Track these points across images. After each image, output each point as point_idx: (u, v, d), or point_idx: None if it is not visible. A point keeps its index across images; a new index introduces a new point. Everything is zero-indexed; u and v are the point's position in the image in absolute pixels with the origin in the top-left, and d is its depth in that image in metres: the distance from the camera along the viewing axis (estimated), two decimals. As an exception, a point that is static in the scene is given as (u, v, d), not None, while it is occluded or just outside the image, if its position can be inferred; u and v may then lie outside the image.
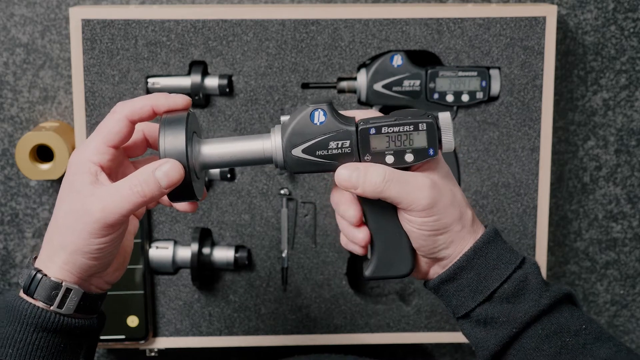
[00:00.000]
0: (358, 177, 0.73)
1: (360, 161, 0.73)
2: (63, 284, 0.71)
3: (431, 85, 1.09)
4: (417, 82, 1.09)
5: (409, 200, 0.73)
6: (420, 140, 0.73)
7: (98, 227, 0.69)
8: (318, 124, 0.73)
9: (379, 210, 0.76)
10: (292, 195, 1.13)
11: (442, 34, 1.09)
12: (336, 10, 1.09)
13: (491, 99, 1.12)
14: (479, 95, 1.10)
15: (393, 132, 0.73)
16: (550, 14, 1.09)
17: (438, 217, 0.73)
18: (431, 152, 0.73)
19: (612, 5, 1.18)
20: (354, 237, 0.76)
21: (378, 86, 1.09)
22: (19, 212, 1.19)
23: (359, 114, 0.76)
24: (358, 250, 0.78)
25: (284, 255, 1.13)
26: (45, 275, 0.71)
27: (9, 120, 1.17)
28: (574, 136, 1.22)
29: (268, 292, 1.14)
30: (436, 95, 1.10)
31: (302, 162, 0.73)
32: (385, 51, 1.10)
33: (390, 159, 0.73)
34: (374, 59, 1.10)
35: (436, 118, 0.74)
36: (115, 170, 0.75)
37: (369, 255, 0.79)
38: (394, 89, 1.09)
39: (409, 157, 0.73)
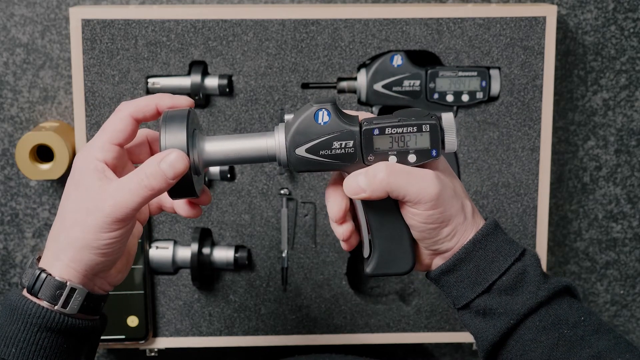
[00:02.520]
0: (364, 180, 0.73)
1: (363, 161, 0.74)
2: (68, 283, 0.72)
3: (431, 85, 1.09)
4: (417, 82, 1.09)
5: (415, 192, 0.73)
6: (423, 141, 0.73)
7: (109, 221, 0.70)
8: (322, 123, 0.73)
9: (379, 208, 0.76)
10: (292, 195, 1.13)
11: (442, 34, 1.09)
12: (336, 10, 1.09)
13: (491, 99, 1.12)
14: (479, 95, 1.10)
15: (396, 132, 0.73)
16: (550, 14, 1.09)
17: (443, 208, 0.74)
18: (434, 153, 0.74)
19: (612, 5, 1.18)
20: (335, 231, 0.77)
21: (378, 86, 1.09)
22: (19, 212, 1.19)
23: (362, 115, 0.76)
24: (343, 245, 0.78)
25: (284, 255, 1.13)
26: (50, 274, 0.72)
27: (9, 120, 1.17)
28: (574, 136, 1.22)
29: (268, 292, 1.14)
30: (436, 95, 1.10)
31: (306, 161, 0.73)
32: (385, 51, 1.10)
33: (393, 159, 0.74)
34: (374, 59, 1.10)
35: (439, 119, 0.74)
36: (120, 171, 0.76)
37: (364, 253, 0.79)
38: (394, 89, 1.09)
39: (412, 158, 0.74)
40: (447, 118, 0.74)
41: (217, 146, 0.74)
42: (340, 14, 1.09)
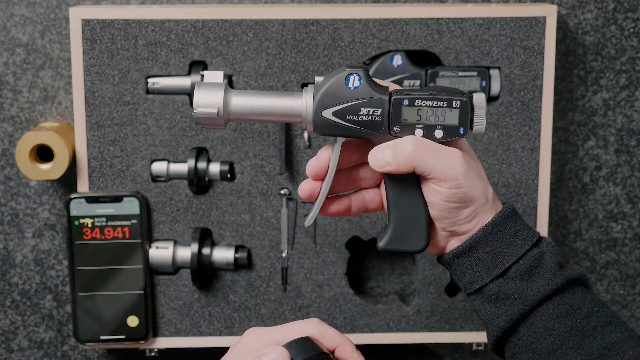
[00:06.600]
0: (390, 154, 0.72)
1: (389, 131, 0.73)
2: None
3: (431, 85, 1.09)
4: (417, 82, 1.09)
5: (442, 168, 0.72)
6: (452, 117, 0.72)
7: None
8: (352, 88, 0.72)
9: (401, 183, 0.75)
10: (292, 195, 1.13)
11: (442, 34, 1.09)
12: (336, 10, 1.09)
13: (491, 99, 1.12)
14: (479, 95, 1.10)
15: (426, 105, 0.72)
16: (550, 14, 1.09)
17: (467, 188, 0.73)
18: (461, 131, 0.73)
19: (612, 5, 1.18)
20: (308, 169, 0.77)
21: (378, 86, 1.09)
22: (19, 212, 1.19)
23: (394, 86, 0.75)
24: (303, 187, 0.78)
25: (284, 255, 1.13)
26: None
27: (9, 120, 1.17)
28: (574, 136, 1.22)
29: (268, 292, 1.14)
30: (436, 95, 1.10)
31: (331, 124, 0.73)
32: (385, 51, 1.10)
33: (419, 132, 0.73)
34: (374, 59, 1.10)
35: (471, 98, 0.73)
36: None
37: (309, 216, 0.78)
38: (394, 89, 1.09)
39: (439, 133, 0.73)
40: (479, 98, 0.73)
41: (243, 100, 0.74)
42: (340, 14, 1.09)
